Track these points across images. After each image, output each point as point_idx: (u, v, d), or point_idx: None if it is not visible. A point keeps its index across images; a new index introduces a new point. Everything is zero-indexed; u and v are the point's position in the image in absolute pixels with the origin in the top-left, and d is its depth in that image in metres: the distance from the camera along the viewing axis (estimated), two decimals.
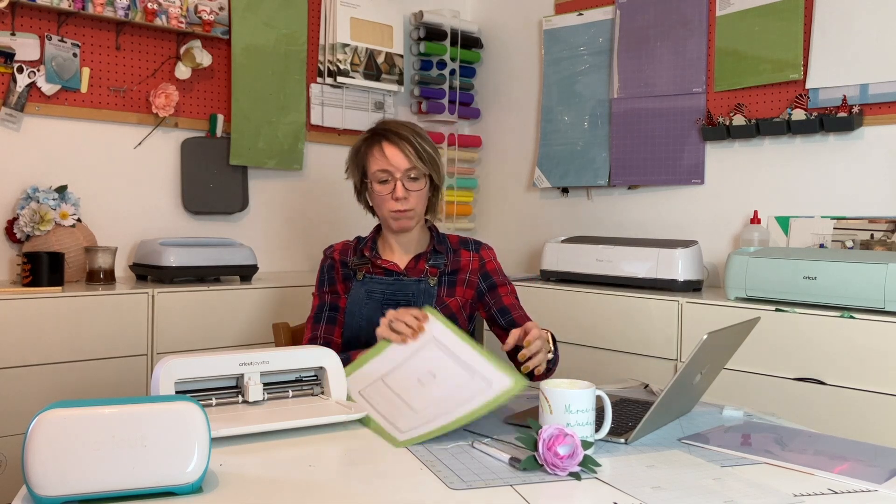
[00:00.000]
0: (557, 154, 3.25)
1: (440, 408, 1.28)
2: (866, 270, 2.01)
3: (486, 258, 1.82)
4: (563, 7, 3.26)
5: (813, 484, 1.07)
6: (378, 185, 1.72)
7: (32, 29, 2.46)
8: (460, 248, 1.82)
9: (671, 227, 2.91)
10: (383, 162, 1.70)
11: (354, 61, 3.15)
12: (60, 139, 2.56)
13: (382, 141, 1.72)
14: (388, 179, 1.71)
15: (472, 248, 1.82)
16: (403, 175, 1.70)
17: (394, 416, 1.31)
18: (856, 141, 2.47)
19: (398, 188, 1.69)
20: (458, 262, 1.79)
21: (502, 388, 1.26)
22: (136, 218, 2.72)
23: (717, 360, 1.40)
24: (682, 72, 2.85)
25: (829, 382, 2.03)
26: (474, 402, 1.25)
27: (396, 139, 1.71)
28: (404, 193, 1.70)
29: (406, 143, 1.70)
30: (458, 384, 1.33)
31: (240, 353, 1.35)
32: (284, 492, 1.01)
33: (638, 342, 2.42)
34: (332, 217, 3.20)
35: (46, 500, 0.91)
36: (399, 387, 1.40)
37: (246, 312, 2.49)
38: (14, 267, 2.45)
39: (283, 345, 1.94)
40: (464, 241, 1.83)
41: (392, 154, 1.70)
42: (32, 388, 2.10)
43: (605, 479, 1.08)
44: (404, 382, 1.40)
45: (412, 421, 1.27)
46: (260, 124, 2.93)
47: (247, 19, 2.88)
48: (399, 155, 1.70)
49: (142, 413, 0.96)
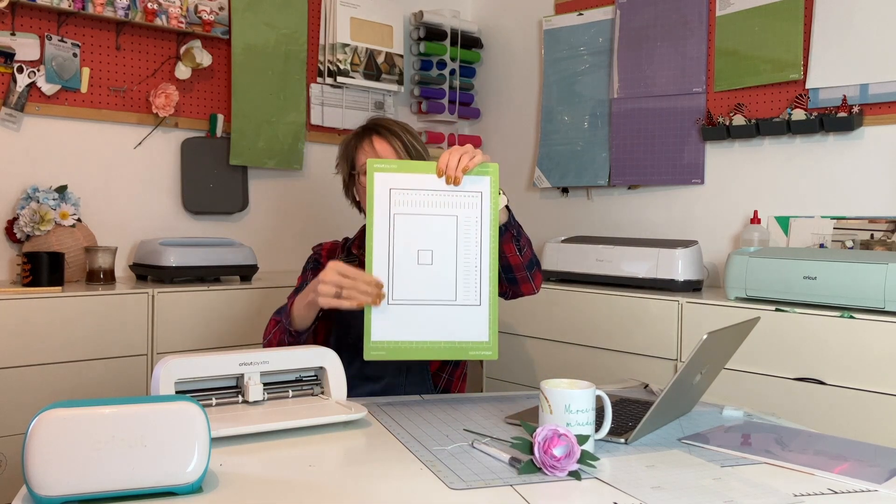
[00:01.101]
0: (557, 154, 3.25)
1: (421, 316, 1.40)
2: (866, 270, 2.01)
3: None
4: (563, 7, 3.26)
5: (813, 484, 1.07)
6: (364, 177, 1.70)
7: (32, 29, 2.46)
8: None
9: (671, 227, 2.91)
10: (371, 155, 1.70)
11: (354, 61, 3.15)
12: (60, 139, 2.56)
13: (373, 135, 1.72)
14: None
15: None
16: None
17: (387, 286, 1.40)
18: (856, 141, 2.47)
19: None
20: None
21: (478, 339, 1.32)
22: (136, 218, 2.72)
23: (717, 360, 1.40)
24: (682, 72, 2.85)
25: (829, 382, 2.03)
26: (450, 336, 1.37)
27: (387, 133, 1.71)
28: None
29: (395, 139, 1.70)
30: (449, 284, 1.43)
31: (240, 353, 1.36)
32: (284, 492, 1.01)
33: (638, 342, 2.42)
34: (332, 217, 3.20)
35: (46, 500, 0.91)
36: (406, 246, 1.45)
37: (246, 312, 2.49)
38: (14, 267, 2.45)
39: None
40: None
41: (381, 148, 1.70)
42: (32, 388, 2.10)
43: (605, 479, 1.08)
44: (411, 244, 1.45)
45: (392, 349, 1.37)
46: (260, 124, 2.93)
47: (247, 19, 2.88)
48: (388, 149, 1.70)
49: (142, 413, 0.96)
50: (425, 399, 1.54)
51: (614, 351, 2.49)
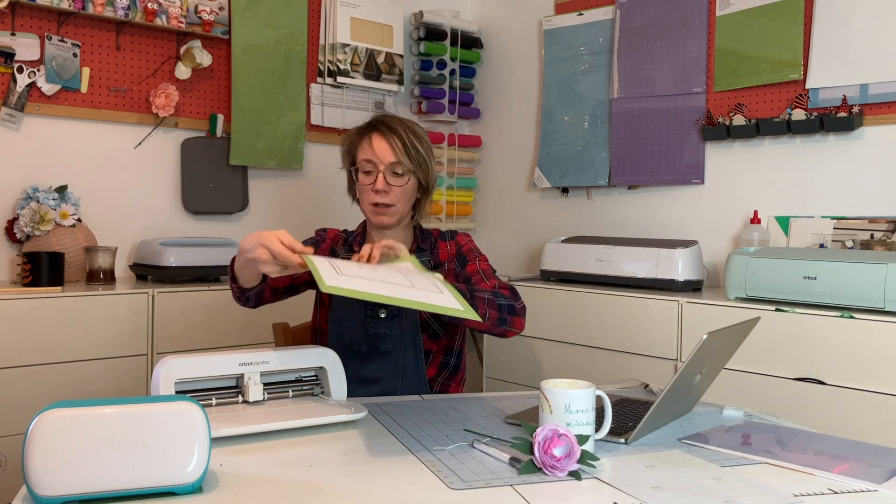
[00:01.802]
0: (557, 154, 3.25)
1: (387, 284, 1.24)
2: (866, 270, 2.01)
3: (462, 242, 1.79)
4: (563, 7, 3.26)
5: (813, 484, 1.07)
6: (362, 174, 1.70)
7: (32, 29, 2.46)
8: (437, 240, 1.80)
9: (671, 227, 2.91)
10: (369, 152, 1.68)
11: (354, 61, 3.15)
12: (60, 139, 2.56)
13: (373, 132, 1.69)
14: (371, 171, 1.68)
15: (447, 238, 1.80)
16: (387, 168, 1.67)
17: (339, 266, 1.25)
18: (856, 141, 2.47)
19: (379, 180, 1.66)
20: (438, 256, 1.77)
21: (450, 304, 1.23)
22: (136, 218, 2.73)
23: (717, 360, 1.40)
24: (682, 72, 2.85)
25: (829, 382, 2.03)
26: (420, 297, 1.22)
27: (387, 131, 1.68)
28: (384, 186, 1.66)
29: (395, 137, 1.68)
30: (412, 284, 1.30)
31: (240, 353, 1.36)
32: (284, 492, 1.01)
33: (638, 342, 2.42)
34: (333, 217, 3.20)
35: (46, 500, 0.91)
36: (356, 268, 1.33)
37: (246, 312, 2.49)
38: (14, 267, 2.45)
39: (283, 345, 1.94)
40: (441, 234, 1.81)
41: (379, 145, 1.68)
42: (32, 388, 2.10)
43: (605, 479, 1.08)
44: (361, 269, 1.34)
45: (352, 279, 1.20)
46: (260, 124, 2.93)
47: (247, 19, 2.88)
48: (386, 148, 1.67)
49: (142, 413, 0.96)
50: (425, 399, 1.54)
51: (614, 351, 2.49)
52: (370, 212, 1.71)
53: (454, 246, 1.78)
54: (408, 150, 1.68)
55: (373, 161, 1.68)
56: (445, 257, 1.77)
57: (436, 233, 1.83)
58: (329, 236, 1.82)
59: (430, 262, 1.75)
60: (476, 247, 1.80)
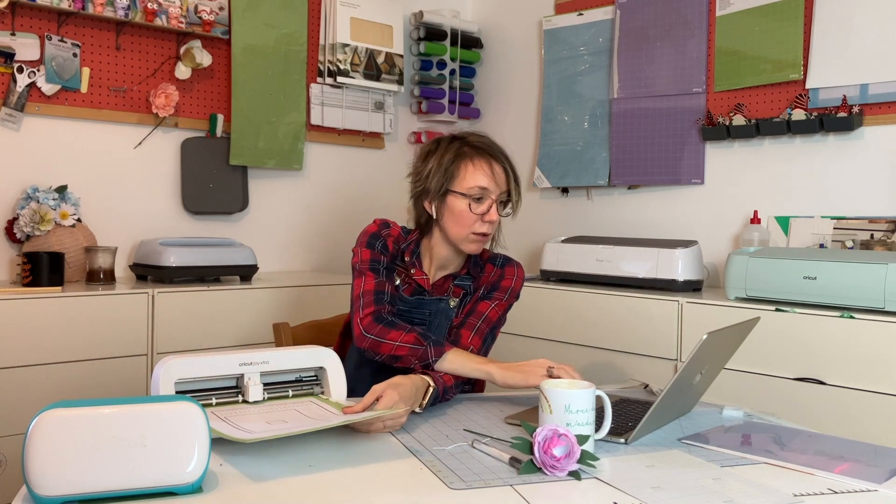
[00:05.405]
0: (557, 154, 3.25)
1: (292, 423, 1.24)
2: (866, 270, 2.01)
3: (507, 275, 1.69)
4: (563, 7, 3.26)
5: (813, 484, 1.07)
6: (473, 202, 1.57)
7: (32, 29, 2.46)
8: (487, 263, 1.71)
9: (671, 227, 2.91)
10: (486, 180, 1.57)
11: (354, 61, 3.15)
12: (60, 139, 2.56)
13: (489, 157, 1.60)
14: (483, 197, 1.58)
15: (498, 264, 1.71)
16: (499, 197, 1.59)
17: (242, 422, 1.24)
18: (855, 141, 2.47)
19: (493, 211, 1.58)
20: (479, 281, 1.70)
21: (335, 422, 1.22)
22: (136, 218, 2.72)
23: (717, 360, 1.40)
24: (682, 72, 2.85)
25: (829, 382, 2.03)
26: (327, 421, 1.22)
27: (502, 159, 1.61)
28: (497, 217, 1.59)
29: (508, 165, 1.62)
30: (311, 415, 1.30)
31: (240, 353, 1.35)
32: (284, 492, 1.01)
33: (638, 342, 2.42)
34: (332, 217, 3.20)
35: (46, 500, 0.91)
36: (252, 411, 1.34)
37: (246, 312, 2.49)
38: (14, 267, 2.45)
39: (283, 345, 1.94)
40: (493, 257, 1.72)
41: (499, 173, 1.59)
42: (32, 388, 2.10)
43: (605, 479, 1.08)
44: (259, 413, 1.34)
45: (261, 427, 1.21)
46: (260, 124, 2.93)
47: (247, 19, 2.88)
48: (503, 176, 1.60)
49: (142, 413, 0.96)
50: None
51: (614, 351, 2.49)
52: (470, 240, 1.60)
53: (498, 274, 1.69)
54: (516, 180, 1.63)
55: (488, 189, 1.58)
56: (484, 282, 1.69)
57: (486, 255, 1.73)
58: (393, 233, 1.67)
59: (471, 287, 1.68)
60: (516, 289, 1.70)
